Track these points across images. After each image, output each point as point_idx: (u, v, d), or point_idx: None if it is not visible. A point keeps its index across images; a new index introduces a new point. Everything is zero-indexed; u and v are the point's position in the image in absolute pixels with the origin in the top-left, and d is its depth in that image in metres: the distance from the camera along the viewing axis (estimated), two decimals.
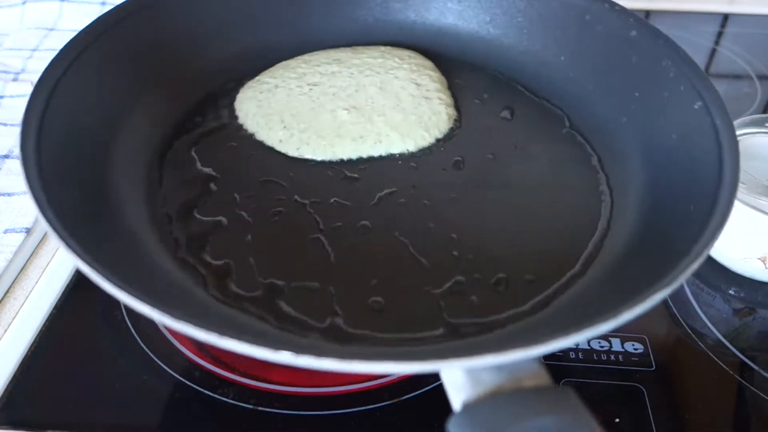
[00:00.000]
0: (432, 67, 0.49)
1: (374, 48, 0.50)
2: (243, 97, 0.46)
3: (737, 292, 0.45)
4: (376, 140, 0.42)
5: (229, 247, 0.36)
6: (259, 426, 0.36)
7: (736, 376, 0.39)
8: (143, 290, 0.27)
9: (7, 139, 0.58)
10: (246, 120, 0.44)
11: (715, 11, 0.77)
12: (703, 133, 0.37)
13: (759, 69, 0.68)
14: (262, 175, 0.41)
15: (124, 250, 0.34)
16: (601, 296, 0.32)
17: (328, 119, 0.43)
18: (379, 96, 0.45)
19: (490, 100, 0.48)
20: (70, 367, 0.39)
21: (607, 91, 0.45)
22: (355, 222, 0.38)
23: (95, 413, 0.37)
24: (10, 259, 0.46)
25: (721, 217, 0.31)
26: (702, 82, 0.39)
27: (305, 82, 0.46)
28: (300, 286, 0.34)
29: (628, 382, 0.38)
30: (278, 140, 0.42)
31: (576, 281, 0.35)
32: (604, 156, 0.43)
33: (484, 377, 0.25)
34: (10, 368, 0.39)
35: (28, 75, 0.67)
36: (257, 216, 0.38)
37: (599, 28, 0.46)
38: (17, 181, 0.53)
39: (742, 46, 0.72)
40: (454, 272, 0.35)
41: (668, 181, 0.38)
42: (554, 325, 0.31)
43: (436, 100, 0.45)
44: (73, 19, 0.75)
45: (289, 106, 0.44)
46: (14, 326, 0.42)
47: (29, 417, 0.37)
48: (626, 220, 0.38)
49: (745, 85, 0.66)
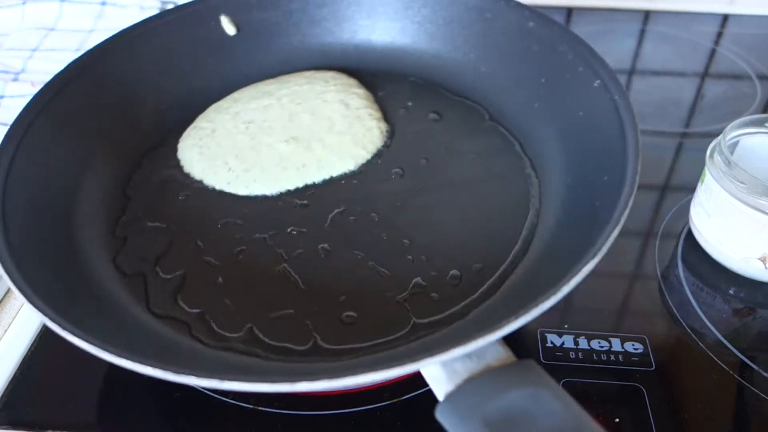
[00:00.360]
0: (357, 84, 0.52)
1: (299, 75, 0.53)
2: (184, 146, 0.48)
3: (737, 292, 0.45)
4: (318, 166, 0.45)
5: (204, 293, 0.38)
6: (259, 426, 0.37)
7: (736, 376, 0.39)
8: (138, 352, 0.29)
9: None
10: (191, 169, 0.46)
11: (715, 11, 0.76)
12: (605, 108, 0.41)
13: (759, 69, 0.68)
14: (219, 218, 0.43)
15: (100, 311, 0.36)
16: (544, 272, 0.36)
17: (269, 154, 0.46)
18: (312, 122, 0.48)
19: (415, 107, 0.51)
20: (70, 367, 0.40)
21: (516, 80, 0.49)
22: (314, 246, 0.41)
23: (95, 413, 0.38)
24: None
25: (631, 183, 0.35)
26: (597, 61, 0.44)
27: (240, 120, 0.49)
28: (277, 316, 0.37)
29: (628, 382, 0.39)
30: (226, 182, 0.45)
31: (520, 260, 0.39)
32: (524, 141, 0.47)
33: (458, 367, 0.28)
34: (10, 368, 0.40)
35: (28, 75, 0.67)
36: (223, 258, 0.40)
37: (499, 23, 0.51)
38: None
39: (742, 46, 0.71)
40: (412, 276, 0.39)
41: (582, 154, 0.42)
42: (509, 306, 0.35)
43: (366, 117, 0.49)
44: (73, 19, 0.75)
45: (230, 147, 0.47)
46: (14, 326, 0.43)
47: (29, 417, 0.38)
48: (554, 196, 0.42)
49: (745, 85, 0.65)
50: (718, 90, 0.61)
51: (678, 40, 0.43)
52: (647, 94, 0.64)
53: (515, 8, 0.50)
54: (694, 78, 0.66)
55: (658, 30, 0.73)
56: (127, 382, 0.39)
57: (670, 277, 0.46)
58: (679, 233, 0.49)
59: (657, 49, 0.70)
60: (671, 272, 0.46)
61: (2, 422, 0.37)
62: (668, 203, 0.51)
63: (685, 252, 0.47)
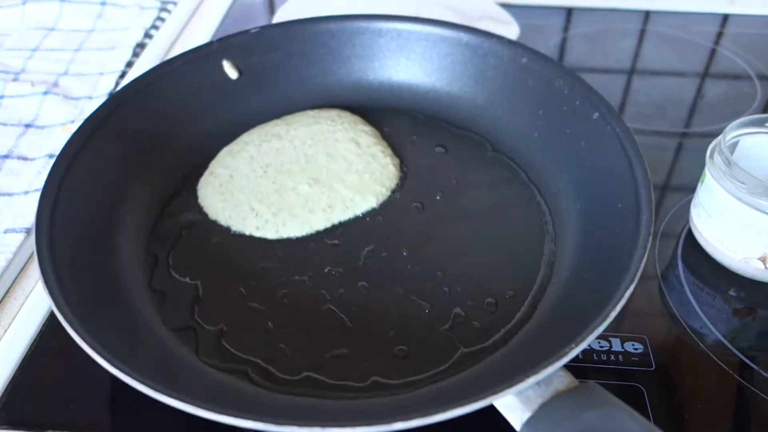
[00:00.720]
0: (362, 121, 0.54)
1: (304, 114, 0.55)
2: (205, 194, 0.49)
3: (737, 292, 0.45)
4: (343, 206, 0.47)
5: (256, 339, 0.40)
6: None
7: (736, 376, 0.40)
8: (211, 401, 0.31)
9: (7, 139, 0.58)
10: (217, 216, 0.47)
11: (715, 11, 0.77)
12: (607, 137, 0.45)
13: (759, 69, 0.68)
14: (255, 263, 0.44)
15: (158, 363, 0.37)
16: (575, 296, 0.39)
17: (294, 197, 0.48)
18: (329, 163, 0.50)
19: (421, 141, 0.54)
20: (70, 367, 0.40)
21: (514, 112, 0.53)
22: (353, 285, 0.43)
23: (95, 413, 0.38)
24: (10, 259, 0.47)
25: (648, 210, 0.39)
26: (594, 96, 0.48)
27: (257, 164, 0.50)
28: (332, 355, 0.39)
29: (628, 382, 0.39)
30: (255, 228, 0.46)
31: (548, 284, 0.42)
32: (529, 170, 0.51)
33: (530, 394, 0.31)
34: (10, 368, 0.40)
35: (28, 75, 0.67)
36: (267, 303, 0.42)
37: (493, 59, 0.54)
38: (17, 181, 0.54)
39: (742, 46, 0.71)
40: (451, 306, 0.41)
41: (590, 183, 0.45)
42: (547, 331, 0.38)
43: (379, 154, 0.51)
44: (73, 19, 0.75)
45: (253, 192, 0.48)
46: (14, 326, 0.43)
47: (29, 417, 0.38)
48: (567, 222, 0.46)
49: (745, 85, 0.65)
50: (718, 90, 0.61)
51: (678, 40, 0.42)
52: (647, 94, 0.64)
53: (508, 45, 0.53)
54: (694, 78, 0.67)
55: (658, 30, 0.74)
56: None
57: (670, 277, 0.47)
58: (679, 233, 0.49)
59: (657, 49, 0.71)
60: (671, 272, 0.47)
61: (2, 422, 0.37)
62: (668, 203, 0.52)
63: (685, 252, 0.48)
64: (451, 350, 0.39)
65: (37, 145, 0.58)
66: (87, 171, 0.44)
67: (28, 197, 0.53)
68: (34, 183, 0.54)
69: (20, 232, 0.49)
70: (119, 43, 0.73)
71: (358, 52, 0.57)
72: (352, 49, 0.57)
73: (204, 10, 0.80)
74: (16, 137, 0.59)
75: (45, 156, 0.57)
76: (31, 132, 0.60)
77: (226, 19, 0.78)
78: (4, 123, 0.61)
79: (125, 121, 0.49)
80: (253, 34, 0.55)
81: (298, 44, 0.56)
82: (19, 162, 0.56)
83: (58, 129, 0.60)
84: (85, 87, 0.66)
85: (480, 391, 0.31)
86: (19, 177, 0.55)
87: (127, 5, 0.78)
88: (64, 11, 0.76)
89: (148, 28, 0.75)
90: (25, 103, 0.62)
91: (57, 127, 0.60)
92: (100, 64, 0.69)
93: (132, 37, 0.73)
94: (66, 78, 0.67)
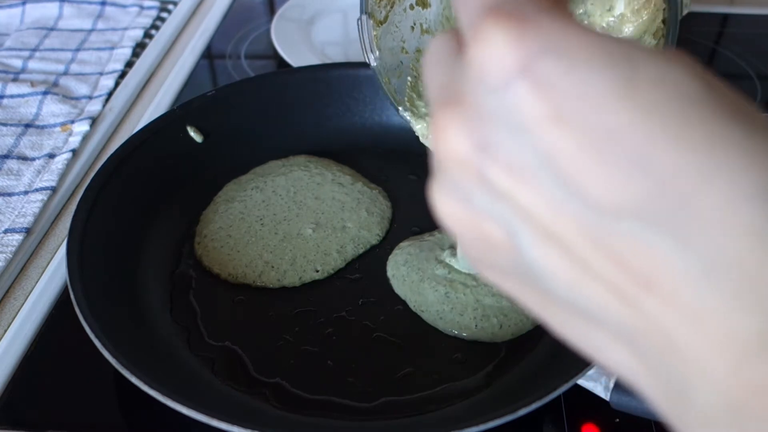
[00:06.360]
0: (334, 162, 0.54)
1: (272, 165, 0.54)
2: (211, 259, 0.46)
3: None
4: (353, 244, 0.48)
5: (324, 379, 0.40)
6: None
7: None
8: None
9: (7, 139, 0.58)
10: (228, 276, 0.46)
11: (715, 11, 0.76)
12: None
13: (759, 69, 0.67)
14: (289, 311, 0.44)
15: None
16: None
17: (303, 243, 0.47)
18: (322, 206, 0.50)
19: (393, 172, 0.54)
20: (70, 367, 0.40)
21: None
22: (391, 309, 0.44)
23: (95, 413, 0.38)
24: (10, 259, 0.47)
25: None
26: None
27: (251, 219, 0.49)
28: (400, 376, 0.40)
29: None
30: (276, 279, 0.45)
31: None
32: None
33: None
34: (10, 368, 0.40)
35: (28, 75, 0.66)
36: (318, 344, 0.42)
37: None
38: (17, 181, 0.54)
39: (742, 46, 0.71)
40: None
41: None
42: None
43: (365, 189, 0.51)
44: (73, 19, 0.75)
45: (260, 246, 0.47)
46: (14, 326, 0.43)
47: (29, 417, 0.38)
48: None
49: (745, 85, 0.65)
50: None
51: (678, 40, 0.45)
52: None
53: None
54: None
55: None
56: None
57: None
58: None
59: None
60: None
61: (2, 422, 0.37)
62: None
63: None
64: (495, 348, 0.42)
65: (37, 145, 0.58)
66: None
67: (28, 197, 0.52)
68: (34, 183, 0.54)
69: (20, 232, 0.49)
70: (119, 43, 0.72)
71: (311, 103, 0.56)
72: (309, 102, 0.56)
73: (204, 10, 0.79)
74: (16, 137, 0.58)
75: (44, 156, 0.56)
76: (31, 132, 0.59)
77: (226, 19, 0.78)
78: (4, 123, 0.60)
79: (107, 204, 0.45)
80: (209, 96, 0.54)
81: (258, 102, 0.55)
82: (19, 162, 0.56)
83: (57, 129, 0.60)
84: (84, 87, 0.65)
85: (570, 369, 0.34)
86: (19, 177, 0.54)
87: (127, 5, 0.78)
88: (64, 11, 0.76)
89: (148, 28, 0.75)
90: (25, 103, 0.62)
91: (57, 127, 0.60)
92: (100, 64, 0.69)
93: (132, 37, 0.73)
94: (66, 78, 0.66)
